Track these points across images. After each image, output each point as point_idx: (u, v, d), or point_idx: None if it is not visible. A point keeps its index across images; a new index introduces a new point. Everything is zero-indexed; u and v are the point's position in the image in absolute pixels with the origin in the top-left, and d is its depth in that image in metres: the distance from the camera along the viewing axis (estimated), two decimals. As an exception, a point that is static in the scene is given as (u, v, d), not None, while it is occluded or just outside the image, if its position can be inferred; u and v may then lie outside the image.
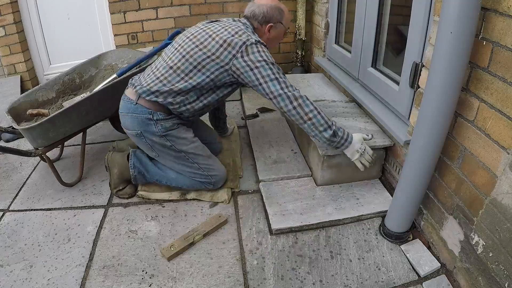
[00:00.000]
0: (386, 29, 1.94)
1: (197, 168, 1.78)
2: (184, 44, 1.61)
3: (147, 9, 2.99)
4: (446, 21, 1.10)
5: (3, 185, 2.05)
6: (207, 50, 1.55)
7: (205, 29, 1.62)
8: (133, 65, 2.14)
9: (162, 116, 1.65)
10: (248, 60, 1.53)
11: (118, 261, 1.53)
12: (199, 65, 1.57)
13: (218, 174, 1.84)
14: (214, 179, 1.83)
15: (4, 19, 2.81)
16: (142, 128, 1.67)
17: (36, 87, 2.12)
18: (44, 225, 1.74)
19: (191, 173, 1.79)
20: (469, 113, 1.26)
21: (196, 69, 1.58)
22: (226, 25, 1.61)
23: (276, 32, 1.75)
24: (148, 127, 1.66)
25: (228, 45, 1.53)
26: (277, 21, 1.72)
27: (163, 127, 1.67)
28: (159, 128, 1.66)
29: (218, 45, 1.54)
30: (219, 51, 1.54)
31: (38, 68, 3.18)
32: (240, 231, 1.67)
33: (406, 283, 1.41)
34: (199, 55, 1.56)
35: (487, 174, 1.19)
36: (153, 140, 1.70)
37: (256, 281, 1.43)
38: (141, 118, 1.65)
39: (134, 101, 1.65)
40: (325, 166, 1.80)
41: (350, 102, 2.23)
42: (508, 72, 1.06)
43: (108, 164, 1.88)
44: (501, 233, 1.14)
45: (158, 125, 1.66)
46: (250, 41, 1.54)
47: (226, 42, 1.54)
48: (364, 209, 1.70)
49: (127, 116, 1.69)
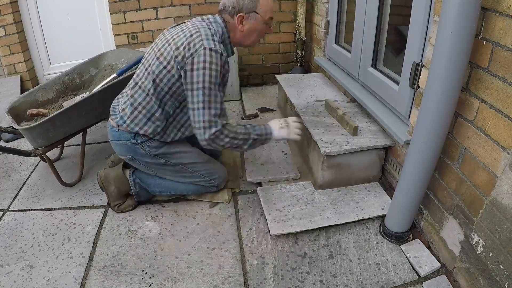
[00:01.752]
0: (386, 29, 1.94)
1: (198, 176, 1.76)
2: (148, 55, 1.58)
3: (147, 9, 2.98)
4: (446, 21, 1.10)
5: (3, 185, 2.05)
6: (164, 59, 1.47)
7: (166, 34, 1.55)
8: (133, 64, 2.14)
9: (145, 138, 1.61)
10: (189, 76, 1.43)
11: (118, 261, 1.53)
12: (157, 78, 1.48)
13: (219, 176, 1.82)
14: (217, 182, 1.81)
15: (4, 19, 2.81)
16: (131, 153, 1.65)
17: (36, 87, 2.12)
18: (44, 225, 1.74)
19: (193, 181, 1.77)
20: (469, 113, 1.26)
21: (155, 83, 1.49)
22: (185, 27, 1.50)
23: (251, 24, 1.52)
24: (136, 151, 1.64)
25: (179, 54, 1.43)
26: (250, 11, 1.50)
27: (151, 147, 1.63)
28: (147, 149, 1.63)
29: (172, 52, 1.45)
30: (172, 59, 1.44)
31: (38, 68, 3.18)
32: (240, 231, 1.67)
33: (406, 283, 1.41)
34: (156, 65, 1.48)
35: (487, 174, 1.19)
36: (147, 161, 1.67)
37: (256, 281, 1.43)
38: (127, 144, 1.63)
39: (115, 128, 1.63)
40: (325, 166, 1.80)
41: (350, 102, 2.23)
42: (508, 72, 1.06)
43: (103, 184, 1.78)
44: (501, 233, 1.14)
45: (145, 147, 1.62)
46: (198, 52, 1.40)
47: (178, 50, 1.43)
48: (364, 213, 1.69)
49: (115, 143, 1.68)
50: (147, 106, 1.55)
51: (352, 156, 1.79)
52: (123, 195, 1.80)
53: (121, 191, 1.78)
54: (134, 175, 1.77)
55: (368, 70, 2.07)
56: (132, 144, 1.62)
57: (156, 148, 1.64)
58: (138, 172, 1.79)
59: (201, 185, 1.79)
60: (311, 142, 1.92)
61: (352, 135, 1.84)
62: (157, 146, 1.64)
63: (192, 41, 1.43)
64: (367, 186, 1.88)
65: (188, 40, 1.43)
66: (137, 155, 1.65)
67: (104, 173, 1.79)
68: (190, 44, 1.43)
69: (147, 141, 1.62)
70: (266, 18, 1.54)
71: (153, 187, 1.78)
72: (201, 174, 1.76)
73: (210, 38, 1.45)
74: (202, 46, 1.41)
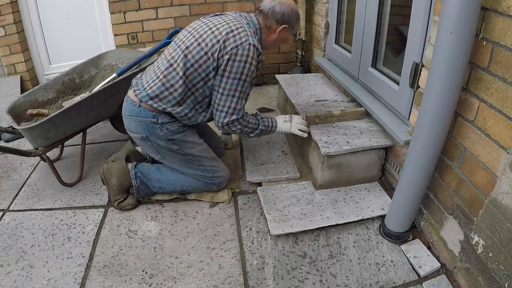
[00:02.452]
0: (386, 29, 1.94)
1: (202, 170, 1.77)
2: (185, 38, 1.56)
3: (147, 9, 2.98)
4: (446, 21, 1.10)
5: (3, 185, 2.05)
6: (205, 45, 1.50)
7: (207, 22, 1.58)
8: (132, 64, 2.15)
9: (167, 119, 1.61)
10: (230, 65, 1.50)
11: (118, 261, 1.53)
12: (196, 63, 1.51)
13: (222, 175, 1.83)
14: (219, 180, 1.82)
15: (4, 19, 2.81)
16: (147, 132, 1.63)
17: (36, 87, 2.12)
18: (44, 225, 1.74)
19: (196, 175, 1.78)
20: (469, 113, 1.26)
21: (193, 68, 1.52)
22: (228, 19, 1.56)
23: (284, 36, 1.68)
24: (153, 131, 1.62)
25: (224, 42, 1.48)
26: (292, 26, 1.65)
27: (169, 130, 1.63)
28: (165, 132, 1.63)
29: (215, 39, 1.50)
30: (215, 47, 1.49)
31: (38, 68, 3.18)
32: (240, 231, 1.67)
33: (406, 283, 1.41)
34: (197, 50, 1.51)
35: (487, 174, 1.19)
36: (159, 144, 1.67)
37: (256, 281, 1.43)
38: (145, 122, 1.61)
39: (137, 103, 1.61)
40: (325, 166, 1.80)
41: (351, 102, 2.23)
42: (508, 72, 1.06)
43: (105, 176, 1.79)
44: (501, 233, 1.14)
45: (163, 128, 1.62)
46: (243, 45, 1.49)
47: (222, 38, 1.49)
48: (364, 213, 1.69)
49: (131, 119, 1.65)
50: (179, 89, 1.54)
51: (352, 156, 1.79)
52: (124, 189, 1.80)
53: (123, 184, 1.78)
54: (135, 169, 1.78)
55: (368, 70, 2.07)
56: (151, 123, 1.61)
57: (173, 133, 1.64)
58: (140, 166, 1.80)
59: (203, 181, 1.80)
60: (311, 142, 1.92)
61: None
62: (175, 130, 1.64)
63: (238, 33, 1.50)
64: (367, 186, 1.88)
65: (234, 33, 1.50)
66: (152, 135, 1.64)
67: (107, 166, 1.81)
68: (236, 36, 1.50)
69: (167, 123, 1.62)
70: (294, 33, 1.73)
71: (154, 182, 1.79)
72: (206, 169, 1.77)
73: (254, 36, 1.55)
74: (247, 41, 1.50)
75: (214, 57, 1.50)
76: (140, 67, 2.09)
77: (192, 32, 1.57)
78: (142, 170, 1.78)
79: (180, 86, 1.54)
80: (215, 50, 1.49)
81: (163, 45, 2.19)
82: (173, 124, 1.63)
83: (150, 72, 1.66)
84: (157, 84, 1.57)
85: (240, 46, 1.48)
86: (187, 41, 1.55)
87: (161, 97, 1.56)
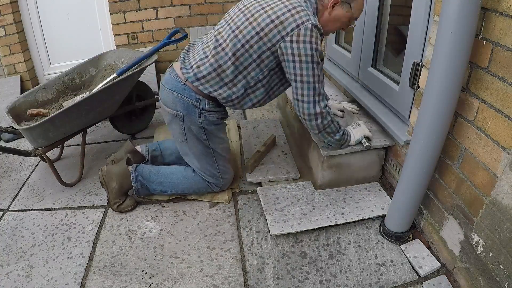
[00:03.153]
0: (386, 29, 1.94)
1: (215, 168, 1.75)
2: (236, 17, 1.47)
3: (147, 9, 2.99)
4: (446, 21, 1.10)
5: (3, 185, 2.05)
6: (257, 24, 1.39)
7: (260, 0, 1.46)
8: (132, 64, 2.14)
9: (209, 106, 1.55)
10: (296, 48, 1.37)
11: (118, 261, 1.53)
12: (247, 43, 1.41)
13: (228, 177, 1.84)
14: (224, 182, 1.82)
15: (4, 19, 2.82)
16: (185, 111, 1.56)
17: (36, 87, 2.12)
18: (44, 225, 1.74)
19: (207, 170, 1.74)
20: (469, 113, 1.26)
21: (244, 49, 1.42)
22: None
23: (339, 13, 1.49)
24: (191, 114, 1.56)
25: (280, 23, 1.37)
26: (346, 0, 1.48)
27: (207, 119, 1.58)
28: (202, 119, 1.57)
29: (269, 19, 1.38)
30: (268, 27, 1.38)
31: (38, 68, 3.19)
32: (240, 231, 1.67)
33: (406, 283, 1.41)
34: (248, 30, 1.40)
35: (487, 174, 1.19)
36: (191, 127, 1.60)
37: (256, 281, 1.43)
38: (187, 102, 1.54)
39: (182, 81, 1.53)
40: (326, 166, 1.80)
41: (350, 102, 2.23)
42: (508, 72, 1.06)
43: (104, 180, 1.75)
44: (501, 233, 1.14)
45: (202, 115, 1.56)
46: (306, 25, 1.36)
47: (278, 19, 1.37)
48: (364, 213, 1.69)
49: (172, 94, 1.56)
50: (228, 70, 1.47)
51: (352, 156, 1.79)
52: (123, 192, 1.78)
53: (123, 187, 1.75)
54: (136, 172, 1.75)
55: (368, 70, 2.07)
56: (192, 105, 1.54)
57: (209, 123, 1.61)
58: (141, 169, 1.78)
59: (206, 182, 1.78)
60: (311, 142, 1.92)
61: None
62: (212, 121, 1.61)
63: (297, 13, 1.38)
64: (367, 186, 1.88)
65: (292, 12, 1.38)
66: (188, 116, 1.57)
67: (107, 169, 1.76)
68: (295, 15, 1.37)
69: (207, 111, 1.57)
70: (354, 15, 1.54)
71: (155, 185, 1.77)
72: (218, 168, 1.76)
73: (314, 15, 1.43)
74: (309, 20, 1.37)
75: (269, 37, 1.39)
76: (140, 67, 2.09)
77: (243, 10, 1.47)
78: (142, 173, 1.76)
79: (229, 67, 1.46)
80: (269, 30, 1.39)
81: (163, 45, 2.19)
82: (213, 114, 1.59)
83: (198, 48, 1.57)
84: (205, 65, 1.49)
85: (301, 26, 1.36)
86: (237, 20, 1.45)
87: (208, 78, 1.49)
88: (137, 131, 2.54)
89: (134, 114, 2.48)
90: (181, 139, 1.69)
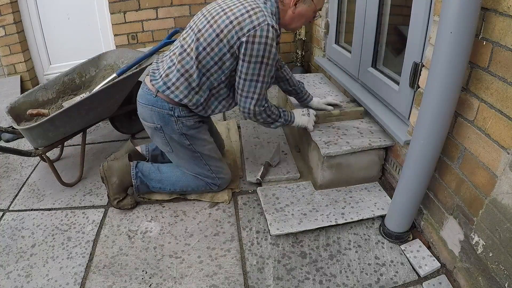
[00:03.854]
0: (386, 29, 1.94)
1: (207, 170, 1.76)
2: (199, 21, 1.51)
3: (147, 9, 2.99)
4: (446, 21, 1.10)
5: (3, 185, 2.05)
6: (217, 26, 1.43)
7: (221, 4, 1.51)
8: (132, 64, 2.15)
9: (184, 113, 1.58)
10: (250, 48, 1.41)
11: (118, 261, 1.53)
12: (208, 46, 1.45)
13: (225, 176, 1.83)
14: (221, 181, 1.82)
15: (4, 19, 2.82)
16: (162, 122, 1.60)
17: (36, 87, 2.12)
18: (44, 225, 1.74)
19: (201, 173, 1.77)
20: (469, 113, 1.26)
21: (205, 52, 1.46)
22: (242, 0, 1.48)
23: (303, 9, 1.55)
24: (168, 123, 1.59)
25: (238, 24, 1.41)
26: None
27: (185, 125, 1.61)
28: (180, 125, 1.60)
29: (228, 21, 1.42)
30: (227, 28, 1.41)
31: (38, 68, 3.19)
32: (240, 231, 1.67)
33: (406, 283, 1.41)
34: (209, 33, 1.44)
35: (487, 174, 1.19)
36: (172, 136, 1.64)
37: (256, 281, 1.43)
38: (161, 113, 1.57)
39: (153, 93, 1.57)
40: (326, 166, 1.80)
41: (351, 102, 2.23)
42: (508, 72, 1.07)
43: (105, 174, 1.76)
44: (501, 233, 1.14)
45: (179, 122, 1.59)
46: (262, 26, 1.39)
47: (237, 19, 1.41)
48: (364, 213, 1.69)
49: (147, 108, 1.60)
50: (194, 75, 1.50)
51: (352, 156, 1.79)
52: (123, 188, 1.78)
53: (123, 182, 1.76)
54: (136, 168, 1.77)
55: (368, 70, 2.07)
56: (167, 115, 1.58)
57: (188, 128, 1.62)
58: (141, 165, 1.79)
59: (205, 182, 1.79)
60: (311, 142, 1.92)
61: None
62: (190, 126, 1.63)
63: (254, 14, 1.42)
64: (367, 186, 1.88)
65: (250, 13, 1.42)
66: (166, 127, 1.61)
67: (108, 164, 1.78)
68: (252, 17, 1.41)
69: (183, 117, 1.59)
70: (317, 8, 1.60)
71: (154, 182, 1.78)
72: (210, 169, 1.76)
73: (271, 16, 1.47)
74: (265, 21, 1.41)
75: (228, 38, 1.42)
76: (140, 67, 2.09)
77: (205, 14, 1.51)
78: (142, 170, 1.78)
79: (194, 71, 1.49)
80: (228, 31, 1.42)
81: (163, 45, 2.19)
82: (189, 118, 1.61)
83: (166, 58, 1.61)
84: (173, 72, 1.53)
85: (257, 27, 1.40)
86: (199, 24, 1.49)
87: (177, 85, 1.52)
88: (137, 131, 2.54)
89: (134, 114, 2.47)
90: (167, 150, 1.74)
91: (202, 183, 1.80)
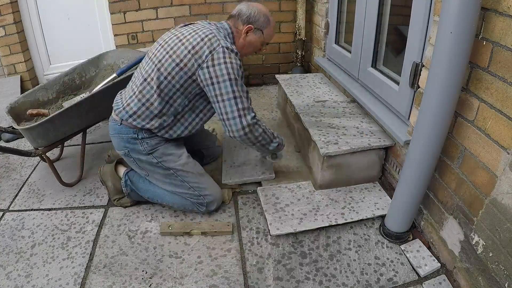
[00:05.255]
0: (386, 29, 1.94)
1: (187, 188, 1.68)
2: (157, 52, 1.56)
3: (147, 9, 2.98)
4: (446, 21, 1.10)
5: (3, 185, 2.05)
6: (176, 56, 1.49)
7: (176, 33, 1.57)
8: (132, 64, 2.14)
9: (147, 134, 1.61)
10: (212, 71, 1.46)
11: (118, 261, 1.53)
12: (169, 75, 1.50)
13: (211, 194, 1.70)
14: (207, 200, 1.69)
15: (4, 19, 2.81)
16: (128, 147, 1.64)
17: (36, 87, 2.12)
18: (44, 225, 1.74)
19: (181, 193, 1.69)
20: (469, 113, 1.26)
21: (167, 80, 1.51)
22: (197, 28, 1.55)
23: (252, 39, 1.66)
24: (134, 146, 1.63)
25: (196, 53, 1.47)
26: (259, 28, 1.64)
27: (149, 144, 1.62)
28: (145, 146, 1.61)
29: (186, 50, 1.48)
30: (187, 57, 1.48)
31: (38, 68, 3.18)
32: (240, 231, 1.67)
33: (406, 283, 1.41)
34: (169, 63, 1.50)
35: (487, 174, 1.19)
36: (140, 158, 1.65)
37: (256, 281, 1.43)
38: (126, 138, 1.62)
39: (118, 122, 1.62)
40: (325, 166, 1.80)
41: (351, 103, 2.23)
42: (508, 72, 1.07)
43: (102, 178, 1.85)
44: (501, 233, 1.14)
45: (143, 143, 1.61)
46: (217, 49, 1.47)
47: (194, 49, 1.48)
48: (364, 213, 1.69)
49: (115, 137, 1.67)
50: (155, 102, 1.54)
51: (352, 156, 1.79)
52: (119, 191, 1.81)
53: (117, 187, 1.81)
54: (126, 176, 1.78)
55: (368, 70, 2.07)
56: (132, 138, 1.61)
57: (153, 146, 1.63)
58: (131, 173, 1.79)
59: (190, 201, 1.70)
60: (310, 142, 1.92)
61: None
62: (155, 144, 1.63)
63: (209, 40, 1.49)
64: (367, 186, 1.88)
65: (205, 40, 1.49)
66: (133, 150, 1.64)
67: (103, 169, 1.87)
68: (207, 43, 1.48)
69: (147, 138, 1.61)
70: (266, 40, 1.71)
71: (142, 192, 1.77)
72: (190, 187, 1.67)
73: (225, 39, 1.55)
74: (219, 45, 1.48)
75: (189, 67, 1.48)
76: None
77: (163, 44, 1.56)
78: (132, 178, 1.78)
79: (156, 99, 1.54)
80: (188, 60, 1.48)
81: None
82: (153, 138, 1.63)
83: (128, 88, 1.68)
84: (134, 101, 1.58)
85: (213, 51, 1.47)
86: (159, 55, 1.55)
87: (139, 113, 1.57)
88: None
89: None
90: (144, 174, 1.74)
91: (188, 202, 1.71)
